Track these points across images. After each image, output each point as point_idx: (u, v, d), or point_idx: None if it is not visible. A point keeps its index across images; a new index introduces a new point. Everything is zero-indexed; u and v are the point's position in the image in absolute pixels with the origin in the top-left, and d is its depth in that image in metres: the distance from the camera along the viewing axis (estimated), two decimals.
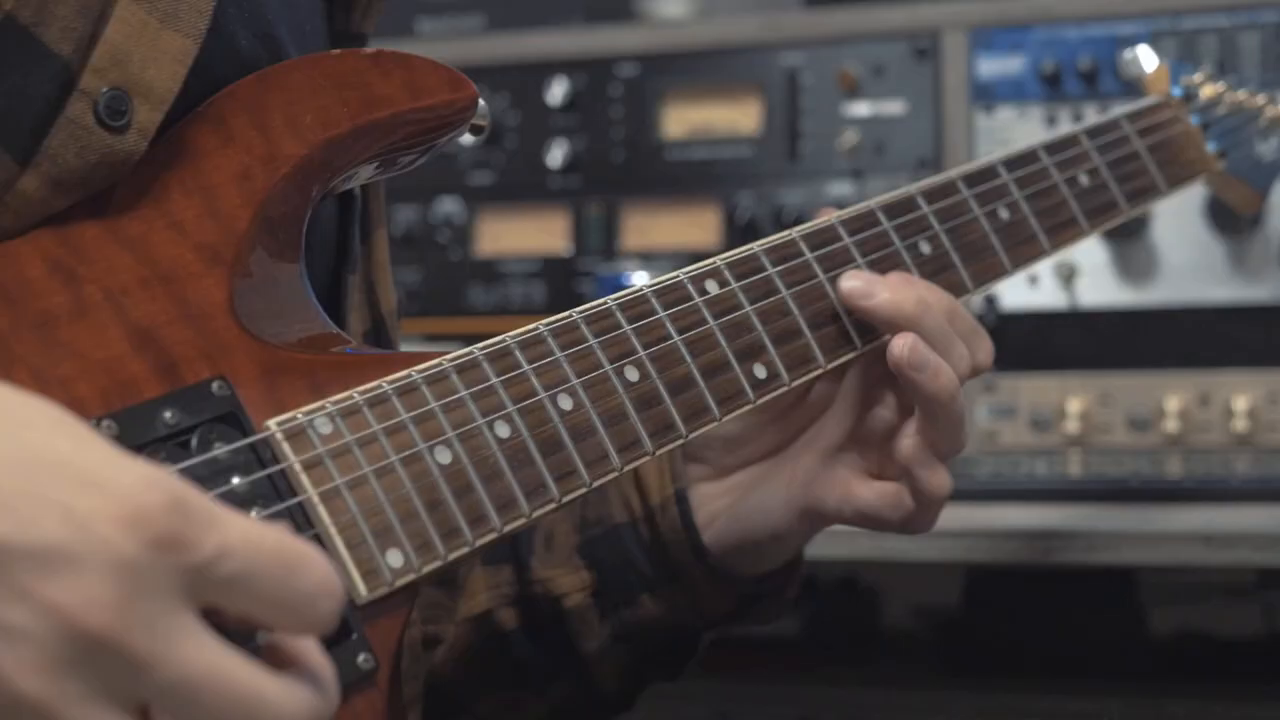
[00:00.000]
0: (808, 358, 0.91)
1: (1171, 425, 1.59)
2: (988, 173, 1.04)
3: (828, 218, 0.95)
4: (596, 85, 1.81)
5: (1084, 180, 1.09)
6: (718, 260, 0.89)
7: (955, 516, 1.33)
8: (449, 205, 1.83)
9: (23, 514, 0.54)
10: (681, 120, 1.79)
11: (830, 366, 0.92)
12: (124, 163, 0.73)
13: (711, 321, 0.87)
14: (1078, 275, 1.63)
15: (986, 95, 1.68)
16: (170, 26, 0.74)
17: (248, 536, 0.57)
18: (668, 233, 1.77)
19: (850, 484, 0.98)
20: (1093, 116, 1.65)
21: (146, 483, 0.56)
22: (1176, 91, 1.25)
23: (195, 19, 0.75)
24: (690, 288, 0.87)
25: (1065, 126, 1.66)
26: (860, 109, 1.73)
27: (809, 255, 0.92)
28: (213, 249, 0.76)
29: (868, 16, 1.74)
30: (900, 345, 0.92)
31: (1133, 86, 1.29)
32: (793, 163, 1.74)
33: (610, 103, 1.80)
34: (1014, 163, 1.05)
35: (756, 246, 0.91)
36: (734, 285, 0.88)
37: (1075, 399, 1.63)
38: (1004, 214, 1.03)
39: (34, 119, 0.71)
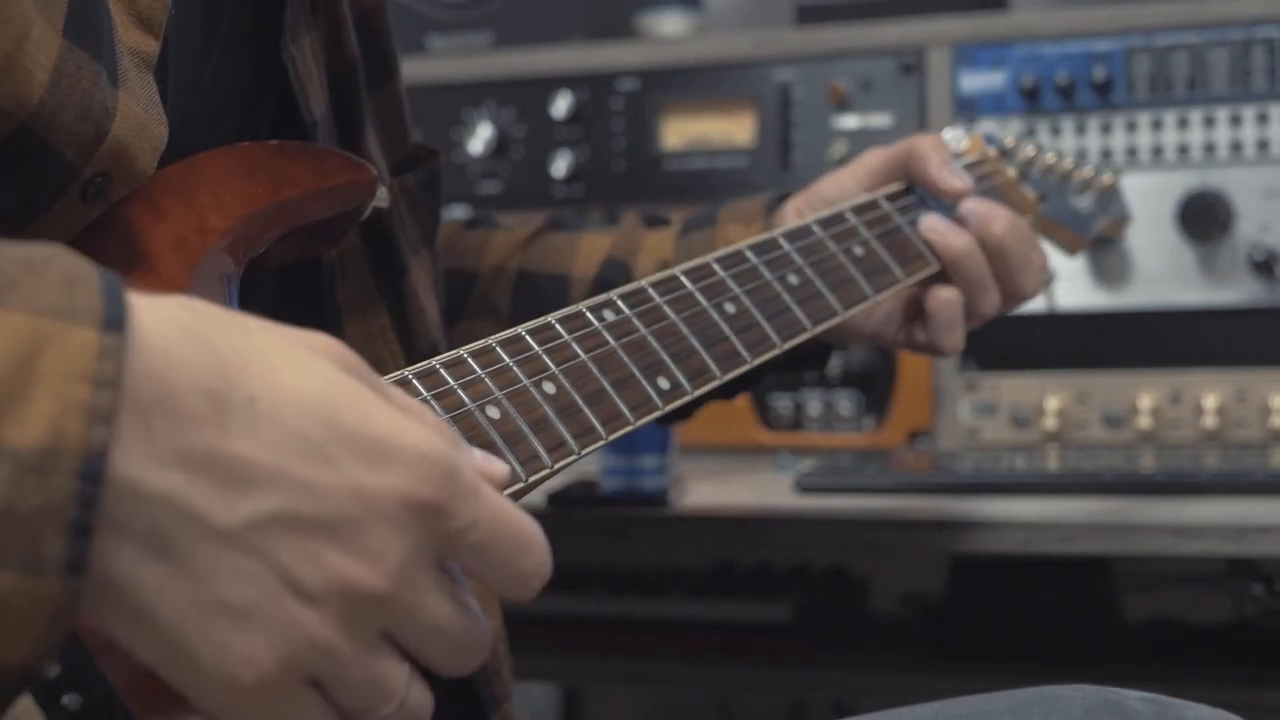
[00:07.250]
0: (704, 369, 0.97)
1: (1144, 422, 1.62)
2: (803, 231, 1.10)
3: (704, 258, 1.02)
4: (598, 99, 1.82)
5: (858, 250, 1.14)
6: (612, 294, 0.95)
7: (939, 508, 1.36)
8: (459, 213, 1.81)
9: (319, 490, 0.60)
10: (679, 132, 1.80)
11: (726, 378, 0.98)
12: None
13: (613, 342, 0.93)
14: (1055, 280, 1.65)
15: (969, 108, 1.70)
16: (152, 117, 0.79)
17: (496, 513, 0.64)
18: None
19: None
20: (1069, 128, 1.68)
21: (425, 455, 0.62)
22: (991, 148, 1.29)
23: (161, 109, 0.81)
24: (590, 316, 0.93)
25: (1044, 138, 1.68)
26: (849, 121, 1.74)
27: (691, 288, 0.99)
28: None
29: (857, 34, 1.75)
30: (939, 294, 1.18)
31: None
32: (785, 173, 1.75)
33: (611, 115, 1.82)
34: (827, 223, 1.13)
35: (645, 282, 0.97)
36: (628, 313, 0.95)
37: (1053, 397, 1.65)
38: (798, 277, 1.08)
39: (39, 204, 0.76)
